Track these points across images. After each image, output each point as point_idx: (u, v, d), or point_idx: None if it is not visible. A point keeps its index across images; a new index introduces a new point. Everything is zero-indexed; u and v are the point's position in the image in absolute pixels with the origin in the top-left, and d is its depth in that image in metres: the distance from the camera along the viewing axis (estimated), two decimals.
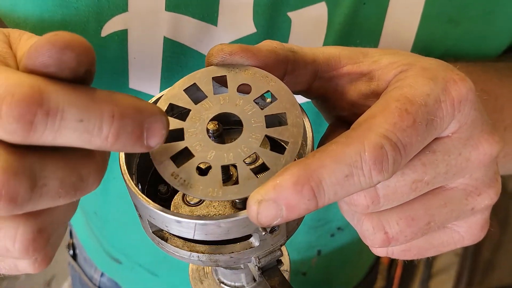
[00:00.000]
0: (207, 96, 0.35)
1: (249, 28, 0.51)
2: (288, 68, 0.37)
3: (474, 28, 0.52)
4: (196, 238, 0.33)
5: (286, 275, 0.47)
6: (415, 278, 1.80)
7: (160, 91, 0.57)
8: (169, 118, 0.34)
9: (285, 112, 0.34)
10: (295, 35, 0.52)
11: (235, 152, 0.33)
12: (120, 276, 0.85)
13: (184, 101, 0.35)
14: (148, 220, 0.35)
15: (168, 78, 0.55)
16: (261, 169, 0.35)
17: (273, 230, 0.34)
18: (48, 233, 0.32)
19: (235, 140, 0.34)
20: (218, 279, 0.46)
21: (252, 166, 0.35)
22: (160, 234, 0.36)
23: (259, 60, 0.35)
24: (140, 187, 0.37)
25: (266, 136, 0.33)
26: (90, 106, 0.27)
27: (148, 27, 0.50)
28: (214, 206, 0.37)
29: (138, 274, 0.80)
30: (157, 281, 0.79)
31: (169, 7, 0.49)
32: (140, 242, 0.73)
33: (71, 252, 0.95)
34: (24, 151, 0.28)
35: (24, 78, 0.27)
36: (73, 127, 0.27)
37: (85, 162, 0.30)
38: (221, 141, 0.35)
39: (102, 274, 0.88)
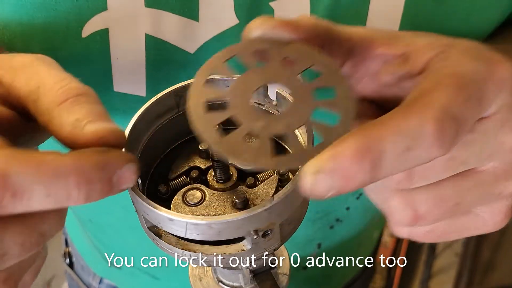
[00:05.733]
0: (249, 68, 0.33)
1: (232, 20, 0.50)
2: (325, 44, 0.35)
3: (458, 6, 0.52)
4: (187, 237, 0.33)
5: (285, 279, 0.47)
6: (415, 278, 1.80)
7: (146, 91, 0.55)
8: (210, 89, 0.32)
9: (334, 86, 0.32)
10: None
11: (285, 121, 0.30)
12: (120, 281, 0.85)
13: (225, 73, 0.33)
14: (143, 216, 0.35)
15: (152, 78, 0.54)
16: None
17: (265, 234, 0.34)
18: (15, 279, 0.32)
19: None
20: (217, 278, 0.46)
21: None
22: (155, 230, 0.36)
23: (299, 34, 0.34)
24: (140, 188, 0.37)
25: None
26: (54, 182, 0.28)
27: (128, 25, 0.50)
28: (214, 206, 0.37)
29: (138, 278, 0.80)
30: (158, 284, 0.79)
31: (149, 3, 0.49)
32: (139, 246, 0.72)
33: (68, 260, 0.94)
34: None
35: None
36: (41, 201, 0.28)
37: (45, 217, 0.31)
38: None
39: (100, 281, 0.87)
